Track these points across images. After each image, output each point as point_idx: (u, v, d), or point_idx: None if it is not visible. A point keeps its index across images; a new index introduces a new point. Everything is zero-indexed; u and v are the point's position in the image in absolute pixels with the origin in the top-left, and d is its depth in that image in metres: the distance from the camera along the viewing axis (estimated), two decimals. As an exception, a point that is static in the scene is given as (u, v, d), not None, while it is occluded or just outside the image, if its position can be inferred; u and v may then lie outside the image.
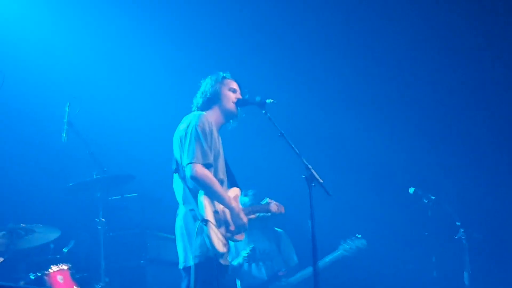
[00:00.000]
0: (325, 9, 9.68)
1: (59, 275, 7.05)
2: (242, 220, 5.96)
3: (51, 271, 7.02)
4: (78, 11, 9.22)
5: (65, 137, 7.43)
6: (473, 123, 9.65)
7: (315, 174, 5.64)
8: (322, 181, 5.64)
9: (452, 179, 9.64)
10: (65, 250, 7.59)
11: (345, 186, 9.05)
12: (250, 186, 6.24)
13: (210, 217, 5.74)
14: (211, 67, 6.38)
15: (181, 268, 5.90)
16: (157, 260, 8.24)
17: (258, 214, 6.35)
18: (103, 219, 7.47)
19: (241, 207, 6.11)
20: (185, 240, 5.84)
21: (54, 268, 7.05)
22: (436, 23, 9.58)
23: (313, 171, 5.64)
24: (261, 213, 6.39)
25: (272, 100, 5.99)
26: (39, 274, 6.98)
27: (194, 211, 5.78)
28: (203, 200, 5.76)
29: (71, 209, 8.59)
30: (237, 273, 8.18)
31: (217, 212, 5.83)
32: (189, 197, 5.85)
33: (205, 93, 6.17)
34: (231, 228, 5.93)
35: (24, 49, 8.94)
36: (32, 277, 7.00)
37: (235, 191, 6.17)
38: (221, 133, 6.15)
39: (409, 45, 9.71)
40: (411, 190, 7.96)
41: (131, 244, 8.25)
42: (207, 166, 5.82)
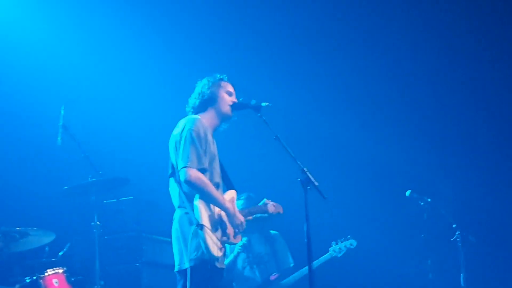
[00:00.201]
0: (320, 9, 9.67)
1: (54, 279, 7.04)
2: (239, 220, 5.97)
3: (46, 274, 7.01)
4: (73, 14, 9.22)
5: (60, 140, 7.42)
6: (469, 125, 9.65)
7: (310, 177, 5.64)
8: (317, 184, 5.64)
9: (448, 182, 9.65)
10: (60, 254, 7.59)
11: (340, 189, 9.05)
12: (244, 190, 6.22)
13: (206, 222, 5.74)
14: (205, 69, 6.36)
15: (176, 271, 5.90)
16: (152, 263, 8.23)
17: (256, 215, 6.34)
18: (98, 222, 7.46)
19: (237, 208, 6.12)
20: (180, 243, 5.84)
21: (50, 271, 7.04)
22: (432, 23, 9.58)
23: (309, 174, 5.64)
24: (258, 214, 6.37)
25: (267, 104, 5.99)
26: (35, 278, 6.97)
27: (189, 215, 5.78)
28: (199, 204, 5.76)
29: (66, 212, 8.59)
30: (232, 276, 8.17)
31: (213, 216, 5.82)
32: (184, 201, 5.85)
33: (202, 94, 6.16)
34: (228, 230, 5.93)
35: (19, 52, 8.93)
36: (27, 280, 6.99)
37: (231, 194, 6.17)
38: (215, 135, 6.14)
39: (405, 47, 9.71)
40: (407, 193, 7.98)
41: (126, 247, 8.24)
42: (202, 170, 5.82)
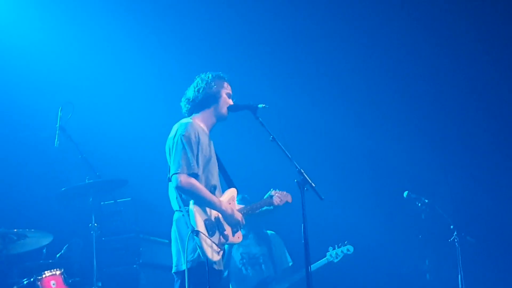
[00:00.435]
0: (316, 7, 9.66)
1: (52, 280, 7.04)
2: (236, 218, 5.96)
3: (44, 276, 7.00)
4: (71, 15, 9.22)
5: (58, 142, 7.42)
6: (467, 126, 9.66)
7: (307, 178, 5.64)
8: (314, 185, 5.64)
9: (445, 182, 9.65)
10: (58, 255, 7.59)
11: (338, 190, 9.05)
12: (241, 191, 6.21)
13: (201, 227, 5.74)
14: (203, 70, 6.34)
15: (174, 272, 5.90)
16: (150, 265, 8.23)
17: (261, 209, 6.31)
18: (96, 224, 7.45)
19: (235, 206, 6.10)
20: (178, 244, 5.86)
21: (47, 273, 7.04)
22: (429, 23, 9.58)
23: (306, 175, 5.65)
24: (263, 207, 6.33)
25: (264, 105, 5.98)
26: (32, 279, 6.96)
27: (186, 218, 5.78)
28: (193, 209, 5.76)
29: (64, 214, 8.58)
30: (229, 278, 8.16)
31: (209, 219, 5.83)
32: (181, 205, 5.85)
33: (205, 91, 6.08)
34: (226, 232, 5.93)
35: (17, 54, 8.93)
36: (25, 282, 6.98)
37: (231, 192, 6.16)
38: (212, 137, 6.14)
39: (404, 47, 9.71)
40: (405, 194, 7.99)
41: (124, 249, 8.24)
42: (194, 175, 5.82)
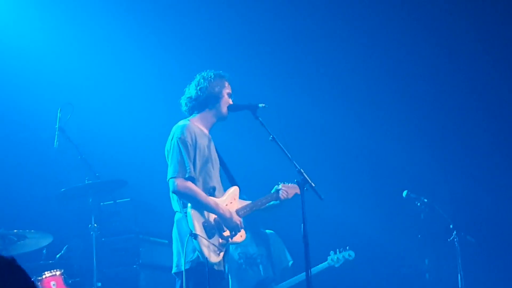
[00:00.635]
0: (316, 6, 9.66)
1: (52, 281, 7.02)
2: (235, 222, 5.95)
3: (44, 276, 6.99)
4: (70, 16, 9.21)
5: (57, 142, 7.41)
6: (466, 125, 9.65)
7: (307, 178, 5.64)
8: (314, 185, 5.64)
9: (445, 182, 9.65)
10: (58, 256, 7.59)
11: (337, 189, 9.04)
12: (240, 191, 6.20)
13: (199, 230, 5.74)
14: (202, 71, 6.33)
15: (174, 272, 5.90)
16: (149, 265, 8.22)
17: (267, 204, 6.28)
18: (96, 225, 7.44)
19: (238, 204, 6.08)
20: (178, 245, 5.86)
21: (47, 273, 7.03)
22: (429, 23, 9.58)
23: (305, 175, 5.65)
24: (270, 202, 6.30)
25: (263, 105, 5.98)
26: (32, 280, 6.94)
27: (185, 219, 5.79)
28: (191, 213, 5.77)
29: (64, 214, 8.57)
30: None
31: (207, 222, 5.83)
32: (181, 207, 5.87)
33: (207, 90, 6.08)
34: (226, 233, 5.93)
35: (16, 55, 8.93)
36: (24, 283, 6.97)
37: (234, 191, 6.15)
38: (213, 137, 6.14)
39: (403, 48, 9.70)
40: (404, 193, 7.98)
41: (123, 249, 8.23)
42: (191, 179, 5.82)
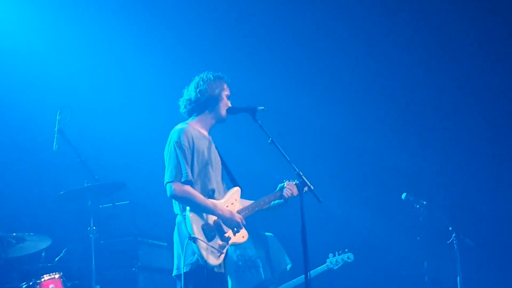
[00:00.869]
0: (317, 8, 9.66)
1: (51, 284, 7.02)
2: (236, 220, 5.93)
3: (43, 279, 6.98)
4: (69, 18, 9.22)
5: (56, 145, 7.42)
6: (466, 128, 9.66)
7: (306, 180, 5.64)
8: (313, 188, 5.64)
9: (443, 185, 9.65)
10: (57, 259, 7.59)
11: (336, 192, 9.05)
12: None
13: (198, 233, 5.73)
14: (200, 72, 6.33)
15: (174, 275, 5.89)
16: (148, 268, 8.22)
17: (271, 203, 6.27)
18: (94, 227, 7.46)
19: (239, 204, 6.07)
20: (178, 248, 5.86)
21: (46, 276, 7.02)
22: (429, 24, 9.58)
23: (304, 178, 5.65)
24: (274, 201, 6.28)
25: (263, 108, 5.98)
26: (31, 283, 6.94)
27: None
28: (190, 216, 5.76)
29: (62, 217, 8.59)
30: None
31: (206, 224, 5.81)
32: (181, 210, 5.87)
33: (207, 92, 6.07)
34: (227, 234, 5.93)
35: (15, 57, 8.94)
36: (24, 286, 6.97)
37: (235, 191, 6.14)
38: (212, 138, 6.14)
39: (403, 49, 9.71)
40: (403, 196, 7.99)
41: (122, 252, 8.24)
42: (188, 182, 5.82)
